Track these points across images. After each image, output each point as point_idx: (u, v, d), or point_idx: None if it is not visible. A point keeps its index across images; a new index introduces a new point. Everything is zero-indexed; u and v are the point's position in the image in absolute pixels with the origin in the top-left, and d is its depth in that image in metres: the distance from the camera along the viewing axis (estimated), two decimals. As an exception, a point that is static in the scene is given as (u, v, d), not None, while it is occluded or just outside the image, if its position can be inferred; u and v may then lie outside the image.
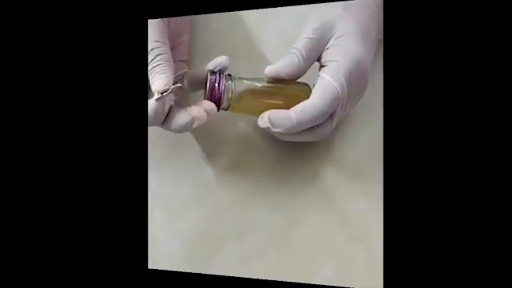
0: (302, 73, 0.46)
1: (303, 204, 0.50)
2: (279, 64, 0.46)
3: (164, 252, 0.52)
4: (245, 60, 0.53)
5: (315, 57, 0.46)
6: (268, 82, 0.47)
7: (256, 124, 0.47)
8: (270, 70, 0.46)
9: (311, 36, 0.46)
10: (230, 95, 0.47)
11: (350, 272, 0.47)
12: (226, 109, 0.48)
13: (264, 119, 0.46)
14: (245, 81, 0.47)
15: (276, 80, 0.47)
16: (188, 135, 0.54)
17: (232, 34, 0.54)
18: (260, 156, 0.52)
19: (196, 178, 0.53)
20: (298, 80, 0.47)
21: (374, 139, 0.49)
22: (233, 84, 0.47)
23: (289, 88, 0.47)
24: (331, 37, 0.46)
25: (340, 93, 0.44)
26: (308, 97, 0.46)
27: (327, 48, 0.46)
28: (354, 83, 0.44)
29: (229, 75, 0.47)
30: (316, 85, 0.46)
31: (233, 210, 0.51)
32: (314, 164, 0.50)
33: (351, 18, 0.46)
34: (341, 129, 0.50)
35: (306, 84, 0.48)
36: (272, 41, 0.53)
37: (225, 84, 0.46)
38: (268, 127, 0.45)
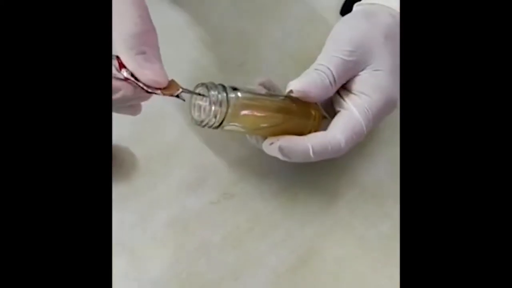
0: (327, 97, 0.40)
1: (317, 233, 0.44)
2: (307, 80, 0.39)
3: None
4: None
5: (344, 81, 0.40)
6: (277, 96, 0.40)
7: (253, 146, 0.41)
8: (297, 86, 0.39)
9: (347, 58, 0.39)
10: (227, 110, 0.37)
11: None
12: (216, 127, 0.38)
13: (274, 147, 0.38)
14: (245, 93, 0.38)
15: (286, 96, 0.40)
16: (159, 163, 0.45)
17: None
18: (259, 183, 0.45)
19: (172, 214, 0.44)
20: None
21: (395, 158, 0.45)
22: (227, 96, 0.37)
23: (300, 105, 0.40)
24: (367, 66, 0.40)
25: (365, 132, 0.39)
26: (319, 119, 0.41)
27: (359, 75, 0.40)
28: (379, 118, 0.40)
29: (222, 85, 0.38)
30: (339, 116, 0.40)
31: (225, 249, 0.43)
32: (328, 187, 0.45)
33: (390, 52, 0.40)
34: (358, 148, 0.45)
35: (316, 103, 0.41)
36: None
37: (220, 97, 0.37)
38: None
